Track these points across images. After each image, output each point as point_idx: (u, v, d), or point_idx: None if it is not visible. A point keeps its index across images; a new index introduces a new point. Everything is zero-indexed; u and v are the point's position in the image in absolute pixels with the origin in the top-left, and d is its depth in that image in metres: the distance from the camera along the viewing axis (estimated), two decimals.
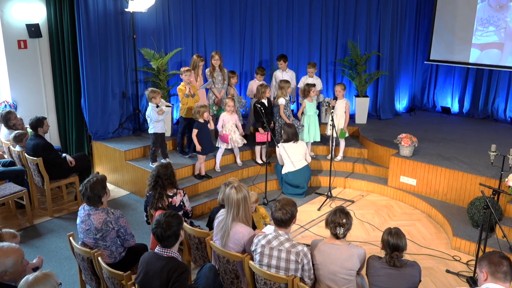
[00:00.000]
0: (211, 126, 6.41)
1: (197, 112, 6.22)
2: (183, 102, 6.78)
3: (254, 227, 4.63)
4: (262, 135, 6.70)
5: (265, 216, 5.23)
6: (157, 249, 3.30)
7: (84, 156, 6.65)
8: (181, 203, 4.56)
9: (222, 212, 3.98)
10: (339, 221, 3.47)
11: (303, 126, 7.11)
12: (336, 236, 3.51)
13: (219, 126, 6.71)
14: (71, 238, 3.91)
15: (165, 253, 3.27)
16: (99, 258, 3.60)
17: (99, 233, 3.86)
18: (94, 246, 3.90)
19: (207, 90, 7.49)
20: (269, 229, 4.22)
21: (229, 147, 6.76)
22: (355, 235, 5.69)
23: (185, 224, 4.22)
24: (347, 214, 3.52)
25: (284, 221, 3.52)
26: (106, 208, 3.95)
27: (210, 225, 4.60)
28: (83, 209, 3.98)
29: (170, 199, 4.48)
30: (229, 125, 6.69)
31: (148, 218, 4.64)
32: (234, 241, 3.78)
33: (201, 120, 6.24)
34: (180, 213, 4.58)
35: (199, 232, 4.12)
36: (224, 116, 6.71)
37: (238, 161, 7.17)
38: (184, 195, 4.61)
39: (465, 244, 5.31)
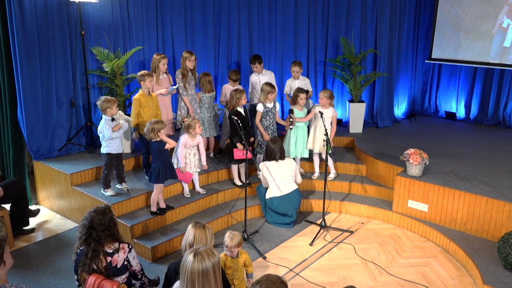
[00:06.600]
0: (170, 145, 5.06)
1: (151, 130, 4.84)
2: (141, 115, 5.53)
3: (227, 285, 3.40)
4: (240, 152, 5.49)
5: (248, 265, 4.04)
6: None
7: (17, 182, 5.33)
8: (126, 263, 3.30)
9: (177, 286, 2.73)
10: None
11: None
12: None
13: (179, 153, 5.35)
14: None
15: None
16: None
17: None
18: None
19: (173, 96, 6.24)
20: None
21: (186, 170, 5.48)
22: (358, 281, 4.52)
23: None
24: None
25: None
26: (3, 284, 2.66)
27: (167, 287, 3.37)
28: None
29: (109, 258, 3.22)
30: (192, 149, 5.49)
31: (80, 283, 3.36)
32: None
33: (157, 140, 4.95)
34: (126, 275, 3.33)
35: None
36: (187, 139, 5.41)
37: (198, 187, 5.79)
38: (129, 251, 3.34)
39: None
